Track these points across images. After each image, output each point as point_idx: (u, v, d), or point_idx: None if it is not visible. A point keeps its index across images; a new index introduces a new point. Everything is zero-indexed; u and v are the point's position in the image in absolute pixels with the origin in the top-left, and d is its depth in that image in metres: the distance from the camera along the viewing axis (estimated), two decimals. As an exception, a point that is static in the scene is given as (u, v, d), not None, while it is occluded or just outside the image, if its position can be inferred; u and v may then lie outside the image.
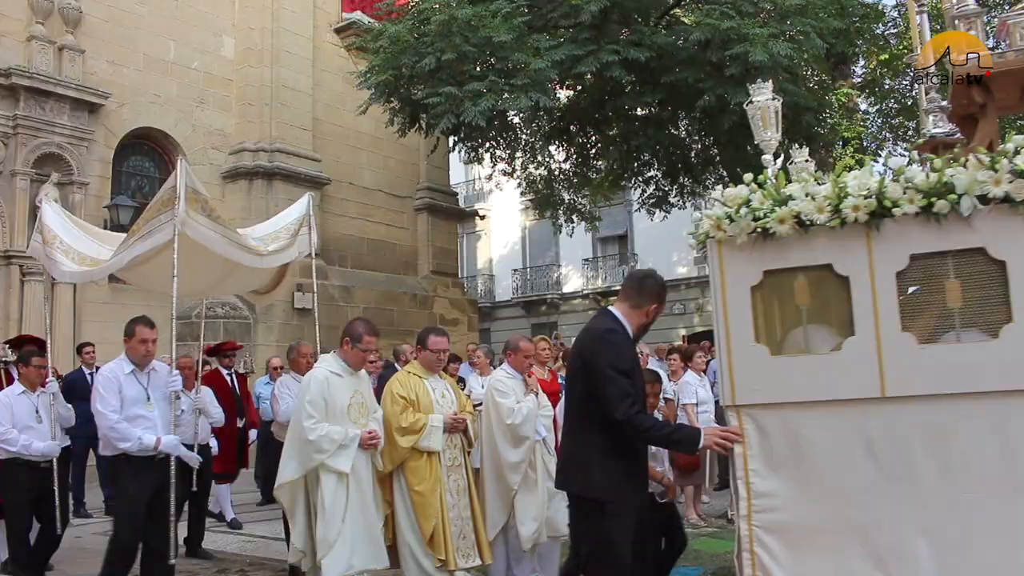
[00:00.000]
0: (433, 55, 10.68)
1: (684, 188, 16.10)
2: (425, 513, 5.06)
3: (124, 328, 5.57)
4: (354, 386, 5.12)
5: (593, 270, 28.42)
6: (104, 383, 5.27)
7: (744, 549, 3.31)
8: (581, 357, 3.74)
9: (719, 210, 3.43)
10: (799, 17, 10.61)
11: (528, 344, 6.04)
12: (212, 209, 5.94)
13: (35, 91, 12.90)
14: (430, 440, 5.14)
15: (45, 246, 6.54)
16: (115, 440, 5.15)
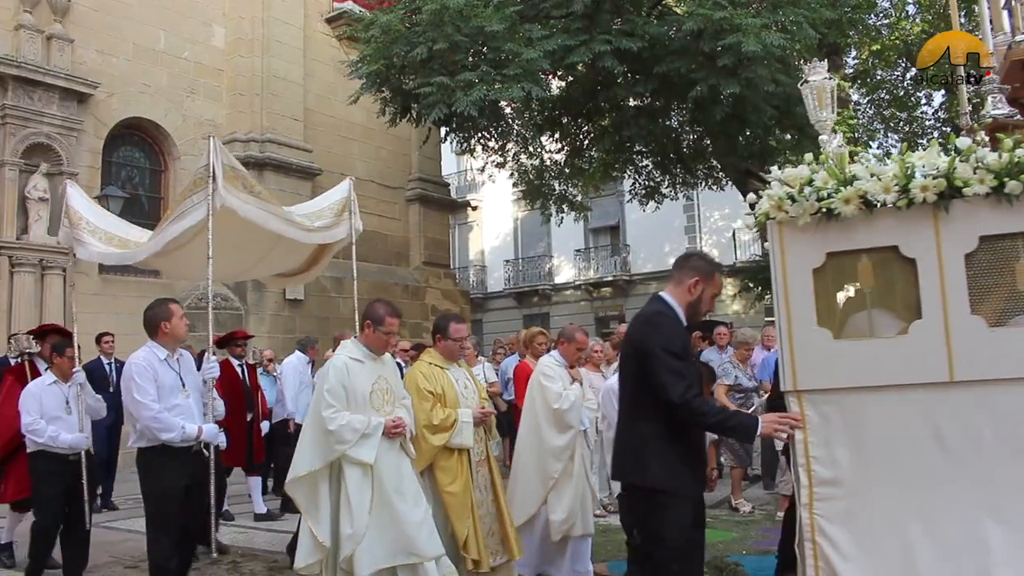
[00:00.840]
0: (425, 45, 10.63)
1: (676, 179, 16.11)
2: (459, 514, 4.84)
3: (150, 313, 5.23)
4: (377, 372, 4.83)
5: (585, 261, 28.43)
6: (140, 372, 4.98)
7: (806, 539, 3.23)
8: (632, 343, 3.63)
9: (780, 190, 3.33)
10: (791, 7, 10.59)
11: (584, 337, 5.91)
12: (253, 185, 5.76)
13: (23, 80, 12.81)
14: (462, 436, 4.93)
15: (72, 229, 6.31)
16: (158, 431, 4.89)
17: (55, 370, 6.14)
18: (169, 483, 4.95)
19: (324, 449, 4.56)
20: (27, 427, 5.84)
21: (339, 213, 6.71)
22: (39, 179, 12.91)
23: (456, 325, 5.25)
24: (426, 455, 4.89)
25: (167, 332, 5.13)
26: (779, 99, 11.30)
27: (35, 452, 5.90)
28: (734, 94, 10.58)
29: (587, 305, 28.13)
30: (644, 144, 14.16)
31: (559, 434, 5.48)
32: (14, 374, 6.81)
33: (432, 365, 5.18)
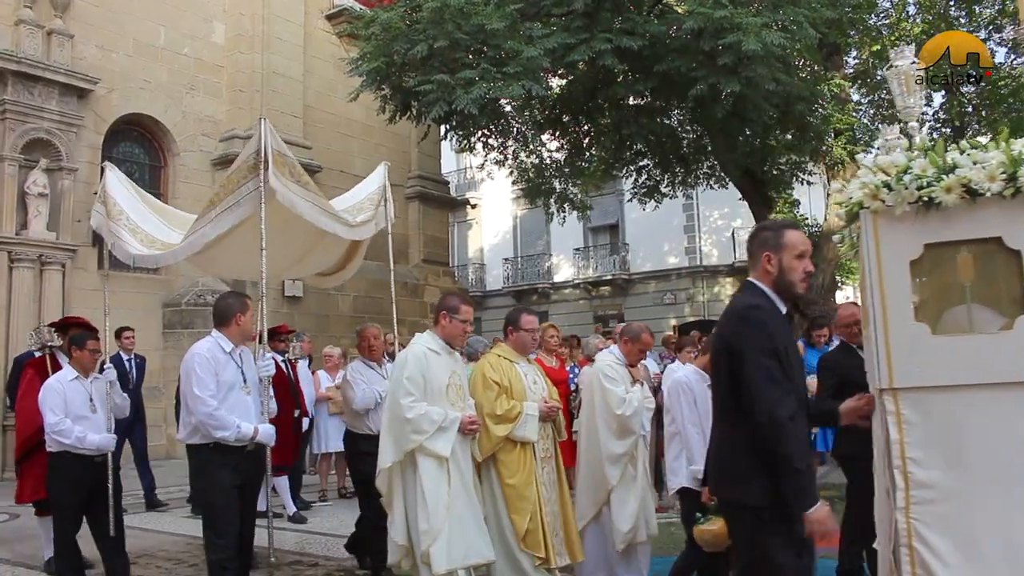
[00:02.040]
0: (425, 42, 10.62)
1: (675, 178, 16.10)
2: (519, 508, 4.68)
3: (224, 303, 5.05)
4: (451, 366, 4.74)
5: (584, 259, 28.44)
6: (203, 364, 4.72)
7: (902, 544, 3.04)
8: (723, 341, 3.24)
9: (875, 178, 3.15)
10: (792, 7, 10.58)
11: (650, 338, 5.64)
12: (300, 174, 5.47)
13: (23, 76, 12.81)
14: (525, 429, 4.78)
15: (109, 220, 5.91)
16: (212, 428, 4.64)
17: (75, 364, 5.67)
18: (224, 483, 4.73)
19: (401, 438, 4.42)
20: (52, 427, 5.37)
21: (377, 204, 6.44)
22: (39, 174, 12.91)
23: (528, 316, 5.13)
24: (488, 446, 4.77)
25: (239, 325, 4.95)
26: (779, 98, 11.29)
27: (57, 453, 5.45)
28: (734, 93, 10.56)
29: (586, 304, 28.15)
30: (644, 143, 14.14)
31: (619, 440, 5.24)
32: (34, 367, 6.44)
33: (501, 358, 5.05)
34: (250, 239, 5.47)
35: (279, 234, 5.48)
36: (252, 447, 4.82)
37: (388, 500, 4.53)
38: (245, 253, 5.72)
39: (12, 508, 6.97)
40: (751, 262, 3.31)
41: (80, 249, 13.55)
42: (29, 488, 6.18)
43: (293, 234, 5.90)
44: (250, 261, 5.48)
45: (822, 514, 2.95)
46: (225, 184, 5.34)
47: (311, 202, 5.42)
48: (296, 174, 5.34)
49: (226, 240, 5.65)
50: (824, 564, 5.51)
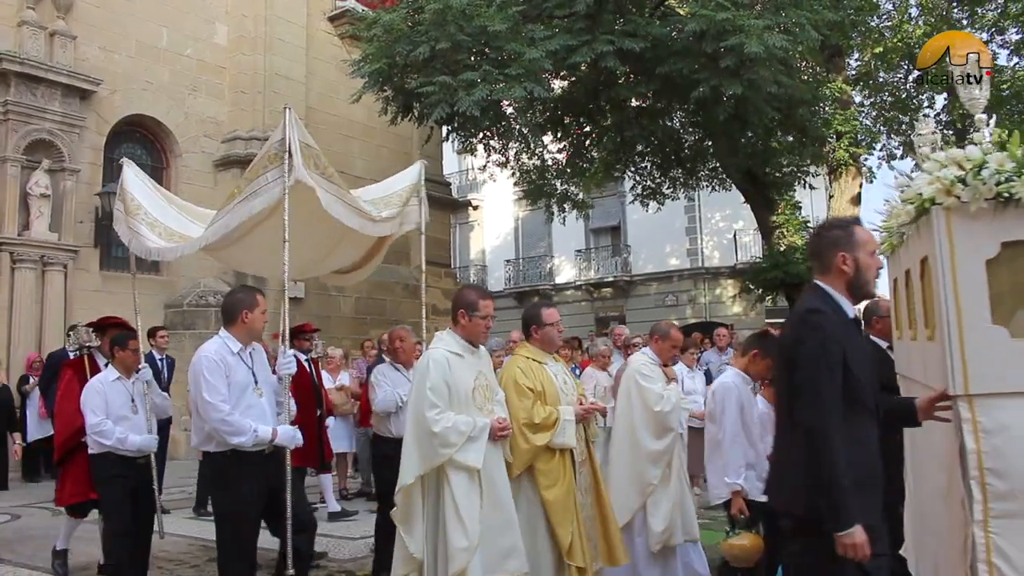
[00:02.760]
0: (427, 44, 10.63)
1: (677, 180, 16.10)
2: (562, 519, 4.40)
3: (232, 299, 4.81)
4: (477, 366, 4.39)
5: (586, 261, 28.45)
6: (211, 368, 4.46)
7: (980, 560, 2.83)
8: (783, 348, 3.11)
9: (948, 172, 2.96)
10: (794, 9, 10.59)
11: (680, 334, 5.57)
12: (326, 166, 5.24)
13: (26, 77, 12.82)
14: (564, 436, 4.50)
15: (127, 216, 5.75)
16: (227, 434, 4.38)
17: (117, 365, 5.56)
18: (244, 495, 4.45)
19: (427, 453, 4.10)
20: (93, 428, 5.29)
21: (407, 200, 6.16)
22: (41, 175, 12.93)
23: (548, 309, 4.93)
24: (526, 456, 4.47)
25: (245, 323, 4.68)
26: (781, 100, 11.30)
27: (100, 454, 5.36)
28: (736, 95, 10.57)
29: (587, 305, 28.15)
30: (646, 144, 14.16)
31: (657, 439, 5.12)
32: (72, 368, 6.24)
33: (529, 360, 4.75)
34: (272, 235, 5.26)
35: (303, 229, 5.23)
36: (270, 450, 4.59)
37: (405, 513, 4.17)
38: (268, 249, 5.51)
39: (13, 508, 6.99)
40: (817, 264, 3.13)
41: (82, 250, 13.56)
42: (69, 490, 6.02)
43: (318, 229, 5.62)
44: (273, 257, 5.29)
45: (858, 539, 2.76)
46: (247, 175, 5.13)
47: (334, 195, 5.19)
48: (321, 166, 5.14)
49: (249, 236, 5.48)
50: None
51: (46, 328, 12.66)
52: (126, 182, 5.94)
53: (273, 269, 5.97)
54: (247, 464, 4.45)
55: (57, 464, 6.22)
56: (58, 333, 12.53)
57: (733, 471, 4.35)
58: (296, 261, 5.52)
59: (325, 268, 7.09)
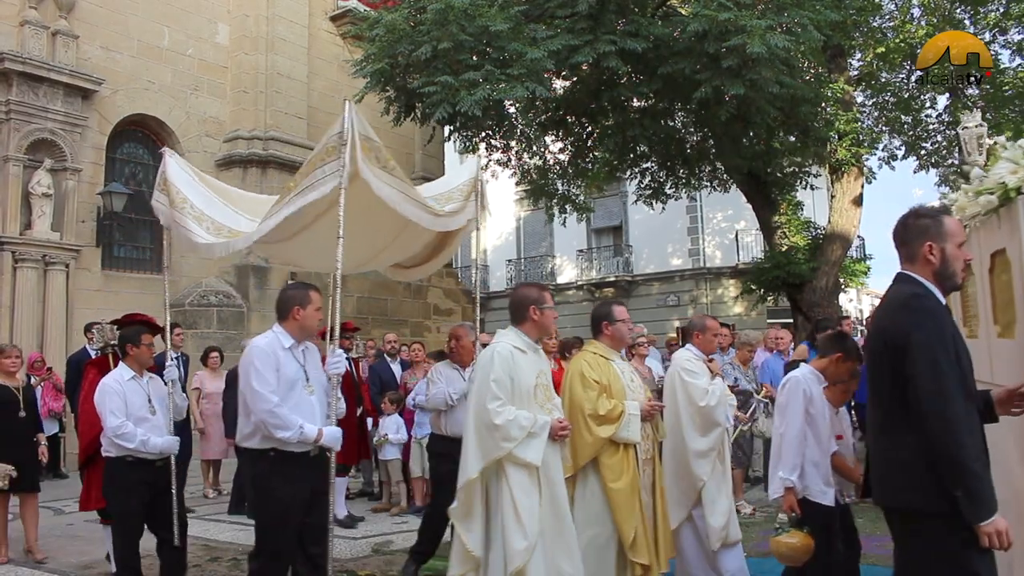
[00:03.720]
0: (429, 44, 10.62)
1: (679, 180, 16.09)
2: (626, 514, 4.38)
3: (286, 295, 4.67)
4: (538, 364, 4.34)
5: (587, 261, 28.44)
6: (262, 358, 4.34)
7: None
8: (883, 335, 2.90)
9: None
10: (796, 9, 10.58)
11: (715, 322, 5.54)
12: (387, 159, 5.14)
13: (28, 76, 12.83)
14: (629, 430, 4.50)
15: (172, 209, 5.53)
16: (273, 427, 4.24)
17: (131, 362, 5.33)
18: (286, 497, 4.30)
19: (488, 446, 4.04)
20: (114, 431, 5.04)
21: (467, 195, 6.03)
22: (43, 175, 12.94)
23: (619, 307, 4.91)
24: (589, 449, 4.48)
25: (297, 319, 4.55)
26: (783, 101, 11.28)
27: (116, 458, 5.14)
28: (738, 95, 10.55)
29: (589, 306, 28.07)
30: (648, 145, 14.14)
31: (703, 435, 5.06)
32: (96, 368, 6.06)
33: (597, 356, 4.77)
34: (329, 229, 5.11)
35: (360, 223, 5.07)
36: (315, 452, 4.42)
37: (464, 509, 4.08)
38: (324, 244, 5.34)
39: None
40: (904, 252, 2.99)
41: (84, 250, 13.58)
42: (95, 495, 5.77)
43: (375, 223, 5.49)
44: (327, 252, 5.13)
45: (1001, 525, 2.62)
46: (304, 168, 5.01)
47: (396, 188, 5.06)
48: (382, 160, 5.04)
49: (306, 231, 5.35)
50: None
51: (48, 328, 12.67)
52: (169, 173, 5.68)
53: (324, 265, 5.86)
54: (291, 465, 4.32)
55: (81, 468, 6.03)
56: (60, 333, 12.54)
57: (788, 468, 4.28)
58: (353, 255, 5.41)
59: (383, 262, 6.93)
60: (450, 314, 18.67)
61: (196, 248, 5.59)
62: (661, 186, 16.29)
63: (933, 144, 19.19)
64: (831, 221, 14.68)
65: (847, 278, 17.29)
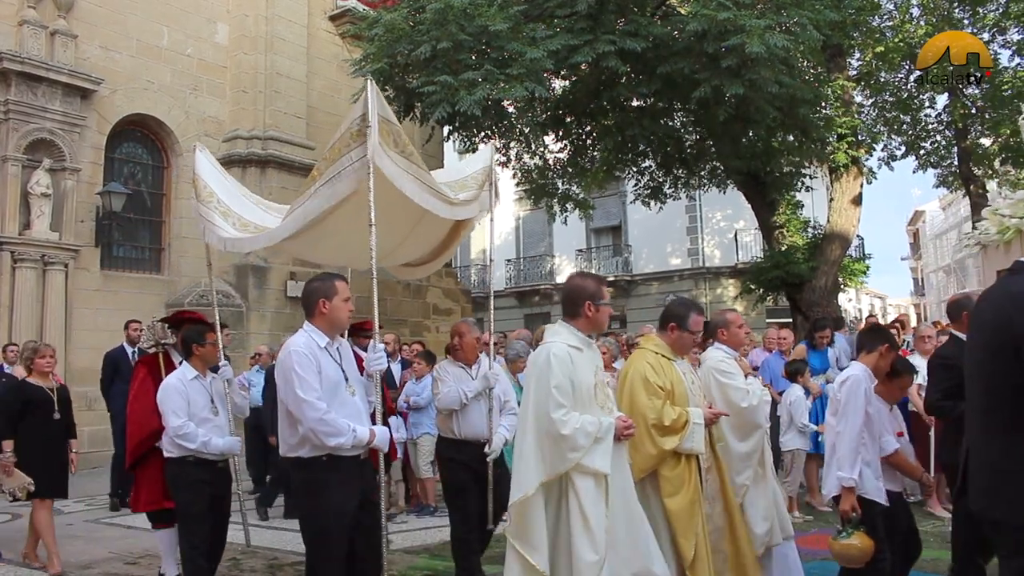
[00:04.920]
0: (428, 43, 10.62)
1: (678, 180, 16.10)
2: (685, 530, 4.04)
3: (309, 288, 4.34)
4: (594, 361, 4.03)
5: (587, 260, 28.44)
6: (302, 362, 4.03)
7: None
8: (985, 328, 2.63)
9: None
10: (796, 9, 10.59)
11: (736, 314, 5.22)
12: (405, 144, 4.82)
13: (26, 76, 12.80)
14: (693, 440, 4.17)
15: (200, 203, 5.42)
16: (325, 435, 3.95)
17: (196, 362, 5.20)
18: (338, 504, 4.03)
19: (553, 458, 3.69)
20: (176, 431, 4.94)
21: (481, 185, 5.76)
22: (42, 175, 12.92)
23: (696, 316, 4.59)
24: (651, 461, 4.15)
25: (325, 313, 4.22)
26: (782, 100, 11.29)
27: (177, 459, 5.01)
28: (737, 95, 10.56)
29: (588, 305, 28.14)
30: (647, 144, 14.15)
31: (744, 440, 4.75)
32: (147, 366, 5.87)
33: (659, 356, 4.42)
34: (348, 220, 4.91)
35: (379, 215, 4.74)
36: (365, 455, 4.19)
37: (523, 526, 3.69)
38: (344, 236, 5.21)
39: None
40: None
41: (83, 249, 13.56)
42: (145, 497, 5.58)
43: (395, 214, 5.21)
44: (351, 245, 4.97)
45: None
46: (327, 156, 4.72)
47: (413, 175, 4.81)
48: (401, 144, 4.73)
49: (323, 224, 5.07)
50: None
51: (47, 328, 12.65)
52: (198, 167, 5.52)
53: (351, 258, 5.69)
54: (342, 470, 4.06)
55: (129, 470, 5.85)
56: (59, 333, 12.52)
57: (848, 466, 4.12)
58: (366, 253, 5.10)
59: (395, 259, 6.66)
60: (449, 314, 18.66)
61: (224, 244, 5.43)
62: (660, 186, 16.31)
63: (932, 144, 19.19)
64: (830, 221, 14.69)
65: (846, 278, 17.29)
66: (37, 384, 6.54)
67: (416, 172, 4.86)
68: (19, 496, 6.23)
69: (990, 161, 18.60)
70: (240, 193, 5.69)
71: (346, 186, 4.59)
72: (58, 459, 6.53)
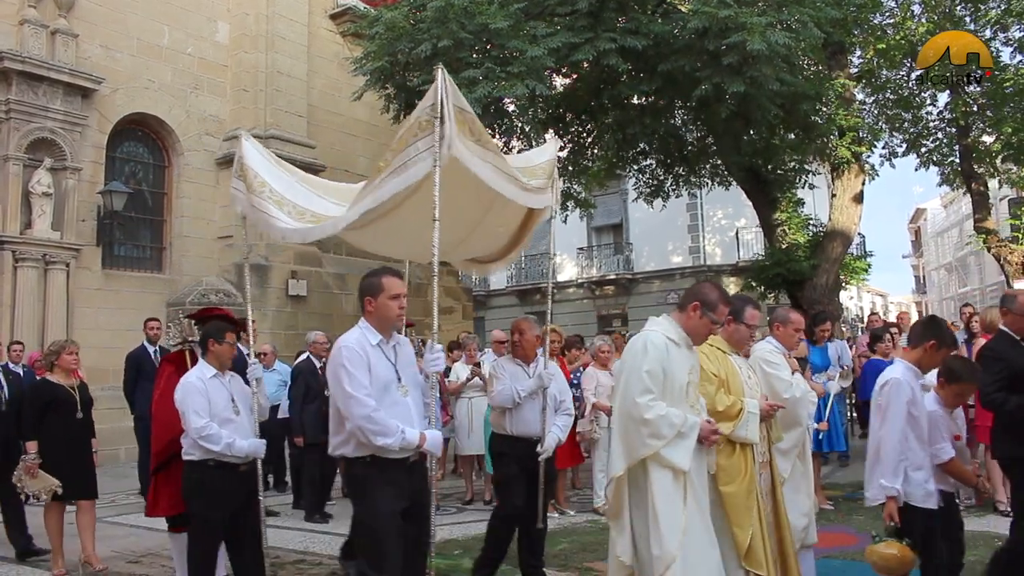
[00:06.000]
0: (429, 42, 10.61)
1: (679, 178, 16.08)
2: (740, 519, 4.00)
3: (362, 284, 4.23)
4: (691, 360, 3.98)
5: (588, 259, 28.43)
6: (353, 358, 3.92)
7: None
8: None
9: None
10: (797, 6, 10.57)
11: (799, 316, 5.20)
12: (481, 132, 4.67)
13: (28, 75, 12.82)
14: (747, 429, 4.16)
15: (250, 195, 5.17)
16: (371, 434, 3.83)
17: (212, 359, 4.99)
18: (387, 507, 3.90)
19: (633, 442, 3.71)
20: (199, 432, 4.68)
21: (549, 175, 5.62)
22: (43, 174, 12.94)
23: (752, 311, 4.54)
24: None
25: (371, 311, 4.11)
26: (784, 98, 11.27)
27: (197, 462, 4.76)
28: (738, 93, 10.54)
29: (590, 303, 28.14)
30: (648, 142, 14.14)
31: (784, 432, 4.74)
32: (173, 364, 5.65)
33: (714, 348, 4.40)
34: (413, 212, 4.77)
35: (446, 207, 4.60)
36: (415, 458, 4.04)
37: (615, 511, 3.79)
38: (407, 229, 5.04)
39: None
40: None
41: (84, 249, 13.57)
42: (166, 501, 5.34)
43: (462, 206, 5.05)
44: (412, 238, 4.81)
45: None
46: (394, 146, 4.57)
47: (489, 163, 4.64)
48: (476, 132, 4.60)
49: (391, 215, 4.90)
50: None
51: (48, 327, 12.67)
52: (247, 157, 5.27)
53: (413, 252, 5.56)
54: (389, 472, 3.92)
55: (154, 473, 5.57)
56: (60, 332, 12.51)
57: (890, 473, 4.03)
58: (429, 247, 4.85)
59: (462, 254, 6.48)
60: (450, 312, 18.66)
61: (282, 235, 5.22)
62: (661, 184, 16.29)
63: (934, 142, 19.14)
64: (832, 218, 14.66)
65: (848, 275, 17.28)
66: (59, 382, 6.35)
67: (493, 159, 4.72)
68: (44, 499, 6.05)
69: (992, 159, 18.55)
70: (292, 179, 5.46)
71: (411, 176, 4.43)
72: (83, 459, 6.36)
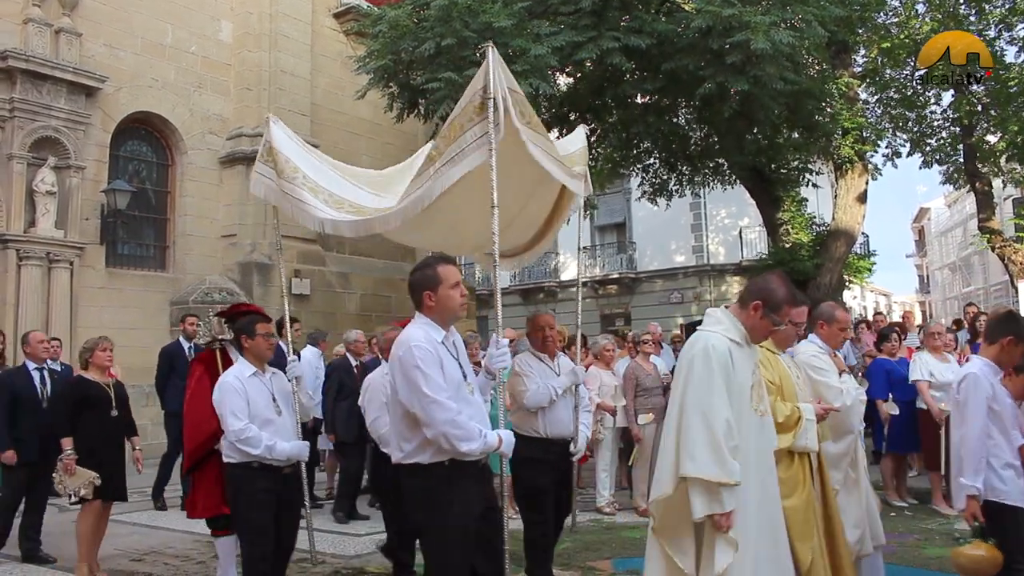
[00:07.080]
0: (433, 40, 10.61)
1: (683, 177, 16.07)
2: (802, 533, 3.71)
3: (414, 277, 3.85)
4: (753, 358, 3.68)
5: (591, 258, 28.42)
6: (426, 358, 3.55)
7: None
8: None
9: None
10: (801, 5, 10.55)
11: (845, 314, 4.89)
12: (531, 115, 4.46)
13: (31, 74, 12.83)
14: (807, 438, 3.91)
15: (281, 180, 4.89)
16: (456, 439, 3.49)
17: (249, 356, 4.72)
18: (460, 516, 3.58)
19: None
20: (238, 434, 4.45)
21: (584, 162, 5.47)
22: (47, 172, 12.95)
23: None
24: None
25: (432, 305, 3.76)
26: (788, 97, 11.25)
27: (239, 464, 4.53)
28: (742, 92, 10.53)
29: (593, 303, 28.12)
30: (651, 141, 14.12)
31: (834, 441, 4.49)
32: (203, 364, 5.50)
33: (764, 349, 4.08)
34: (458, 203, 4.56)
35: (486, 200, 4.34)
36: (484, 460, 3.74)
37: (670, 528, 3.42)
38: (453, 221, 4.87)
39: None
40: None
41: (88, 247, 13.59)
42: (202, 502, 5.24)
43: (506, 195, 4.80)
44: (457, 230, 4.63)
45: None
46: (446, 134, 4.35)
47: (540, 147, 4.45)
48: (527, 115, 4.36)
49: (433, 207, 4.66)
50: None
51: (52, 325, 12.68)
52: (276, 141, 5.03)
53: (452, 244, 5.39)
54: (466, 477, 3.62)
55: (187, 474, 5.48)
56: (64, 330, 12.53)
57: (971, 471, 3.89)
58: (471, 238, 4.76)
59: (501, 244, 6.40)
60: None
61: (322, 225, 4.91)
62: (665, 183, 16.28)
63: (938, 141, 19.12)
64: (835, 218, 14.65)
65: (851, 275, 17.26)
66: (94, 380, 6.22)
67: (543, 143, 4.55)
68: (84, 494, 5.90)
69: (996, 158, 18.52)
70: (324, 165, 5.21)
71: (468, 165, 4.25)
72: (116, 459, 6.19)
